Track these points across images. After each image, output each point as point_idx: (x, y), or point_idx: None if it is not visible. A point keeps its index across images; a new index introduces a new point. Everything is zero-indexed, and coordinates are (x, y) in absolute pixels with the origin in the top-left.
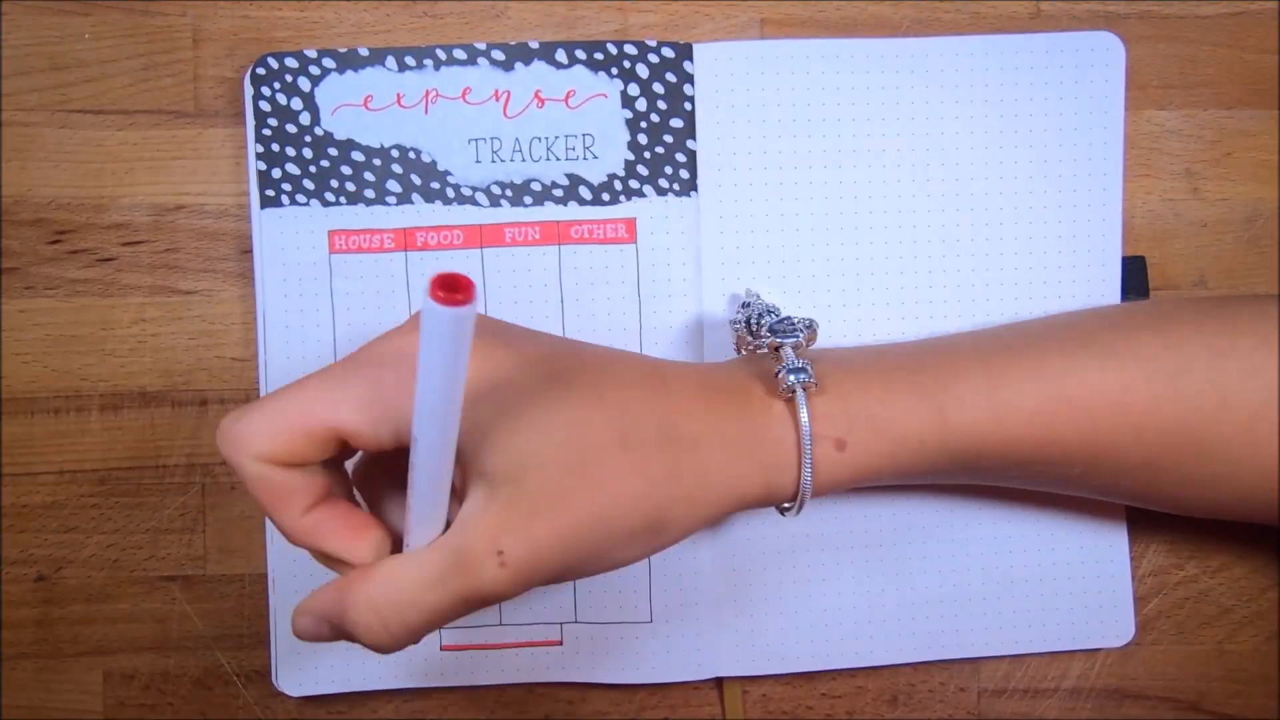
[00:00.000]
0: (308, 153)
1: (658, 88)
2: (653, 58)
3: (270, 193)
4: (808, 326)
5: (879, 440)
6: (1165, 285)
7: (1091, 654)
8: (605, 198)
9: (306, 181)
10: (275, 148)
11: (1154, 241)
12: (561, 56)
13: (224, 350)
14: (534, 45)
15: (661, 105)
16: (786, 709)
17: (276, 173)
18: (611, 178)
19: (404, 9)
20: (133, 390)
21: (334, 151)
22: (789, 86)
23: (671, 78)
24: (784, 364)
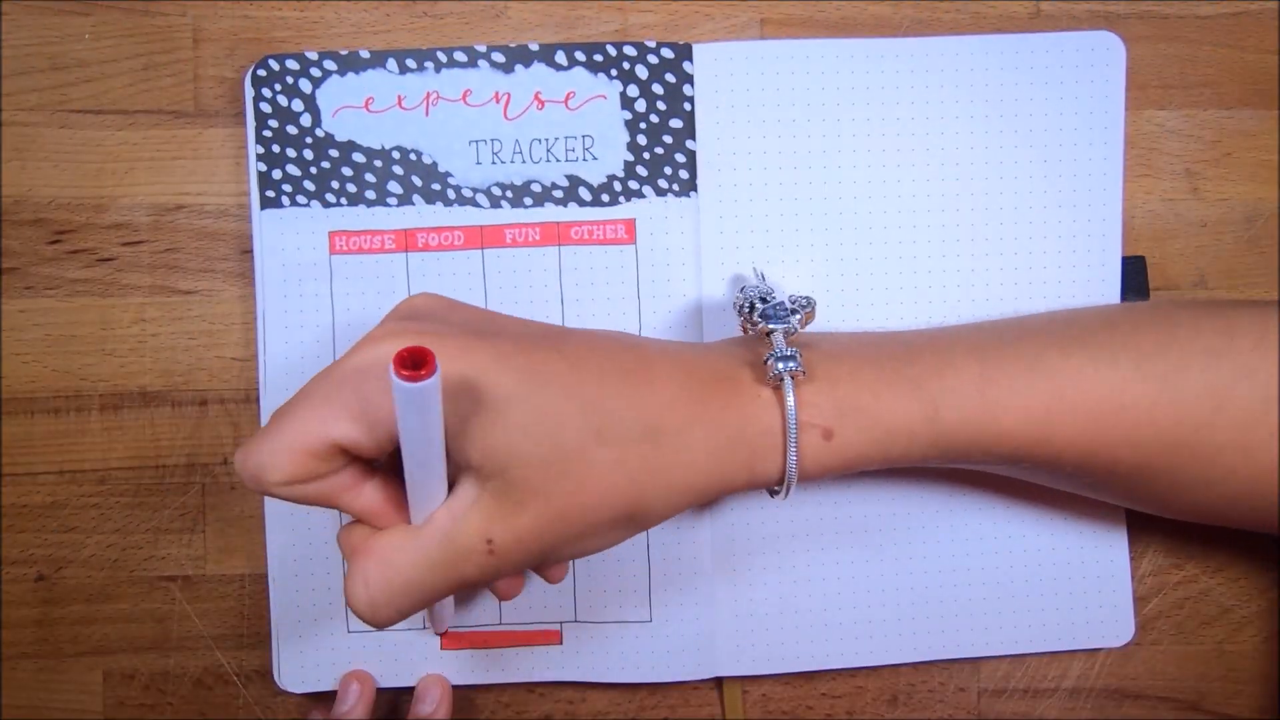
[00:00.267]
0: (309, 154)
1: (657, 88)
2: (652, 58)
3: (270, 193)
4: (804, 306)
5: (868, 431)
6: (1165, 285)
7: (1091, 654)
8: (605, 199)
9: (307, 183)
10: (276, 149)
11: (1154, 241)
12: (561, 58)
13: (224, 350)
14: (534, 47)
15: (661, 106)
16: (786, 709)
17: (277, 174)
18: (611, 179)
19: (404, 9)
20: (133, 390)
21: (335, 153)
22: (789, 86)
23: (671, 78)
24: (773, 351)
